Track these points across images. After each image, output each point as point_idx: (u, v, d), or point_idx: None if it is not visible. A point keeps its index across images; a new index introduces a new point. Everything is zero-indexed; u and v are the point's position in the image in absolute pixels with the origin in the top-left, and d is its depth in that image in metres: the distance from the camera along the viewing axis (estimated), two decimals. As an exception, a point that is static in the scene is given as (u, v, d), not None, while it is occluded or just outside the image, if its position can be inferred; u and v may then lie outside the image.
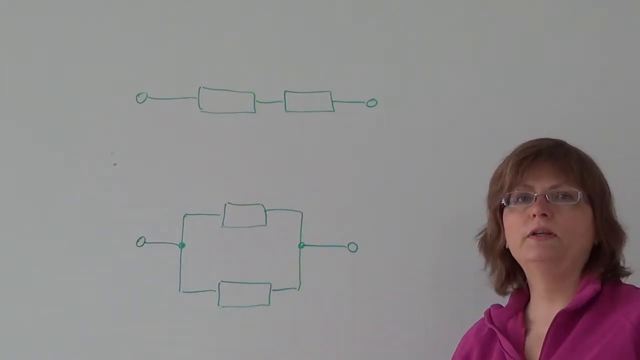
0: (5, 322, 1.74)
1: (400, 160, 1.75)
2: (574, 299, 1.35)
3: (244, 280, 1.73)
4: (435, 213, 1.72)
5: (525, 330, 1.41)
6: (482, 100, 1.75)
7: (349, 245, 1.73)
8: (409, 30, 1.80)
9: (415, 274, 1.70)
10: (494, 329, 1.41)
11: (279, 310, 1.71)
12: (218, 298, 1.72)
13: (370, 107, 1.77)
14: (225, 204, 1.76)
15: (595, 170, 1.42)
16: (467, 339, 1.49)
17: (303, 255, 1.73)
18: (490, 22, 1.78)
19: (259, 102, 1.79)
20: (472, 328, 1.51)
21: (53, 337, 1.73)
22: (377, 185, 1.74)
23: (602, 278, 1.38)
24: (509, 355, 1.36)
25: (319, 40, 1.81)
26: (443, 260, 1.70)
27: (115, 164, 1.79)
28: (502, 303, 1.49)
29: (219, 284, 1.73)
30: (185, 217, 1.75)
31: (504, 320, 1.43)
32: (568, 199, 1.37)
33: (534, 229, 1.36)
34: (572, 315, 1.33)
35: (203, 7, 1.83)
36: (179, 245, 1.75)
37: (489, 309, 1.47)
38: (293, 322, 1.71)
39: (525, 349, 1.38)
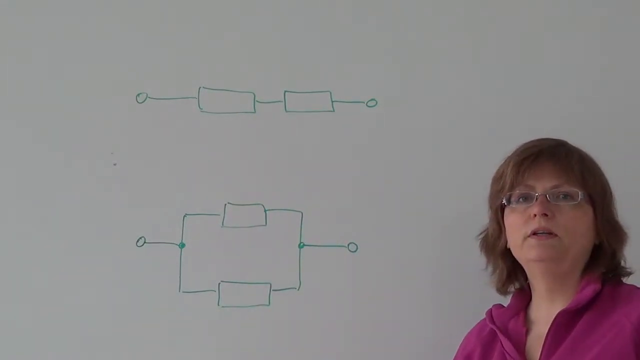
0: (5, 322, 1.74)
1: (400, 160, 1.75)
2: (574, 299, 1.35)
3: (244, 280, 1.73)
4: (435, 213, 1.72)
5: (526, 330, 1.41)
6: (482, 100, 1.75)
7: (349, 245, 1.73)
8: (409, 30, 1.80)
9: (415, 274, 1.70)
10: (495, 329, 1.41)
11: (279, 310, 1.71)
12: (218, 298, 1.72)
13: (370, 107, 1.77)
14: (225, 204, 1.75)
15: (597, 170, 1.42)
16: (469, 339, 1.49)
17: (303, 255, 1.73)
18: (490, 22, 1.78)
19: (259, 102, 1.79)
20: (474, 328, 1.51)
21: (53, 337, 1.73)
22: (377, 185, 1.74)
23: (603, 278, 1.38)
24: (510, 356, 1.36)
25: (319, 40, 1.81)
26: (443, 260, 1.70)
27: (115, 164, 1.78)
28: (502, 303, 1.49)
29: (219, 284, 1.73)
30: (185, 217, 1.75)
31: (505, 321, 1.44)
32: (569, 199, 1.37)
33: (535, 229, 1.36)
34: (572, 315, 1.33)
35: (203, 7, 1.83)
36: (179, 245, 1.75)
37: (491, 309, 1.47)
38: (293, 322, 1.71)
39: (526, 349, 1.38)
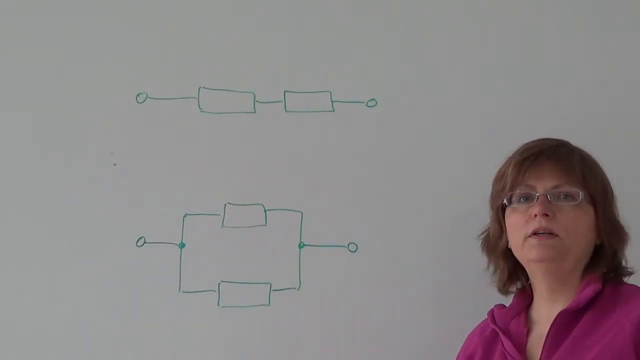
0: (5, 322, 1.74)
1: (400, 160, 1.75)
2: (575, 299, 1.35)
3: (244, 280, 1.73)
4: (435, 213, 1.72)
5: (528, 330, 1.41)
6: (482, 100, 1.75)
7: (349, 245, 1.73)
8: (409, 30, 1.80)
9: (415, 274, 1.70)
10: (497, 329, 1.41)
11: (279, 310, 1.71)
12: (218, 298, 1.72)
13: (370, 107, 1.77)
14: (225, 204, 1.75)
15: (598, 171, 1.42)
16: (471, 339, 1.49)
17: (303, 255, 1.73)
18: (490, 22, 1.78)
19: (259, 102, 1.79)
20: (476, 328, 1.51)
21: (53, 337, 1.73)
22: (377, 185, 1.74)
23: (603, 278, 1.38)
24: (510, 356, 1.36)
25: (319, 40, 1.81)
26: (443, 260, 1.70)
27: (115, 164, 1.78)
28: (502, 303, 1.49)
29: (219, 284, 1.73)
30: (185, 217, 1.75)
31: (507, 321, 1.43)
32: (570, 199, 1.37)
33: (535, 229, 1.36)
34: (573, 315, 1.33)
35: (203, 7, 1.83)
36: (179, 245, 1.75)
37: (492, 309, 1.47)
38: (293, 322, 1.71)
39: (527, 349, 1.38)
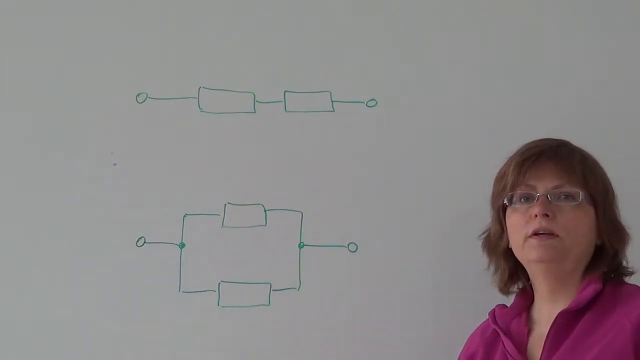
0: (5, 322, 1.74)
1: (400, 160, 1.75)
2: (575, 299, 1.35)
3: (244, 280, 1.73)
4: (435, 213, 1.72)
5: (529, 330, 1.41)
6: (482, 100, 1.75)
7: (349, 245, 1.73)
8: (409, 31, 1.80)
9: (416, 274, 1.70)
10: (498, 330, 1.41)
11: (279, 310, 1.71)
12: (218, 298, 1.72)
13: (370, 107, 1.77)
14: (225, 204, 1.75)
15: (599, 171, 1.42)
16: (472, 340, 1.49)
17: (303, 255, 1.73)
18: (490, 22, 1.78)
19: (259, 102, 1.79)
20: (478, 328, 1.51)
21: (53, 337, 1.73)
22: (377, 185, 1.74)
23: (604, 278, 1.38)
24: (511, 356, 1.36)
25: (319, 40, 1.81)
26: (443, 260, 1.70)
27: (115, 164, 1.78)
28: (501, 303, 1.49)
29: (219, 284, 1.73)
30: (185, 217, 1.75)
31: (508, 321, 1.43)
32: (570, 200, 1.37)
33: (536, 229, 1.36)
34: (573, 315, 1.33)
35: (203, 7, 1.83)
36: (179, 245, 1.75)
37: (494, 309, 1.47)
38: (293, 322, 1.71)
39: (528, 349, 1.38)
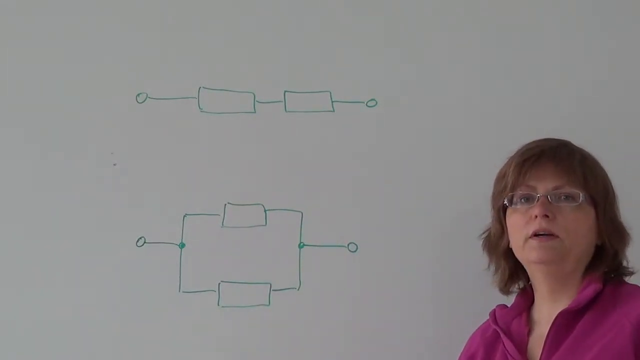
0: (5, 322, 1.74)
1: (400, 160, 1.75)
2: (575, 300, 1.35)
3: (244, 280, 1.73)
4: (435, 213, 1.72)
5: (529, 331, 1.41)
6: (482, 100, 1.75)
7: (349, 245, 1.73)
8: (409, 30, 1.80)
9: (416, 274, 1.70)
10: (498, 330, 1.41)
11: (279, 310, 1.71)
12: (218, 298, 1.72)
13: (370, 107, 1.77)
14: (225, 204, 1.75)
15: (599, 171, 1.41)
16: (473, 340, 1.49)
17: (303, 255, 1.73)
18: (490, 22, 1.78)
19: (259, 102, 1.79)
20: (478, 329, 1.51)
21: (53, 337, 1.73)
22: (377, 185, 1.74)
23: (604, 278, 1.38)
24: (511, 356, 1.36)
25: (319, 40, 1.81)
26: (443, 260, 1.70)
27: (115, 164, 1.78)
28: (501, 303, 1.49)
29: (219, 284, 1.73)
30: (185, 217, 1.75)
31: (509, 321, 1.43)
32: (570, 200, 1.37)
33: (536, 230, 1.36)
34: (573, 316, 1.33)
35: (203, 7, 1.83)
36: (179, 245, 1.75)
37: (494, 310, 1.47)
38: (293, 322, 1.71)
39: (528, 349, 1.38)
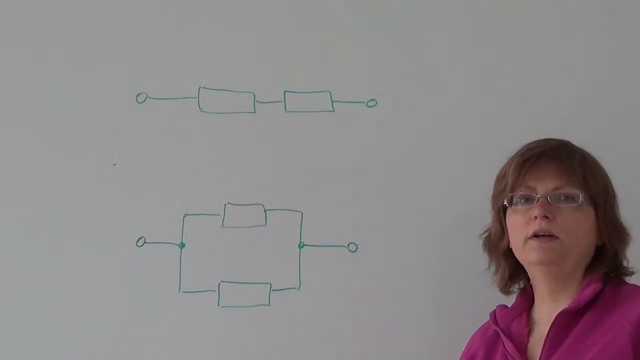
0: (5, 322, 1.74)
1: (400, 160, 1.75)
2: (574, 300, 1.35)
3: (244, 280, 1.73)
4: (436, 213, 1.72)
5: (529, 331, 1.41)
6: (482, 100, 1.75)
7: (349, 245, 1.73)
8: (409, 30, 1.80)
9: (416, 274, 1.70)
10: (498, 330, 1.41)
11: (279, 310, 1.71)
12: (218, 298, 1.72)
13: (370, 107, 1.77)
14: (225, 204, 1.75)
15: (599, 171, 1.41)
16: (473, 340, 1.49)
17: (303, 255, 1.73)
18: (490, 22, 1.78)
19: (259, 102, 1.79)
20: (479, 329, 1.51)
21: (53, 337, 1.73)
22: (377, 185, 1.74)
23: (604, 278, 1.38)
24: (511, 356, 1.36)
25: (319, 40, 1.81)
26: (443, 260, 1.70)
27: (115, 164, 1.78)
28: (502, 303, 1.49)
29: (219, 284, 1.73)
30: (185, 217, 1.75)
31: (509, 321, 1.43)
32: (570, 201, 1.36)
33: (535, 231, 1.36)
34: (573, 316, 1.33)
35: (203, 7, 1.83)
36: (179, 245, 1.75)
37: (495, 310, 1.47)
38: (293, 322, 1.71)
39: (528, 350, 1.38)
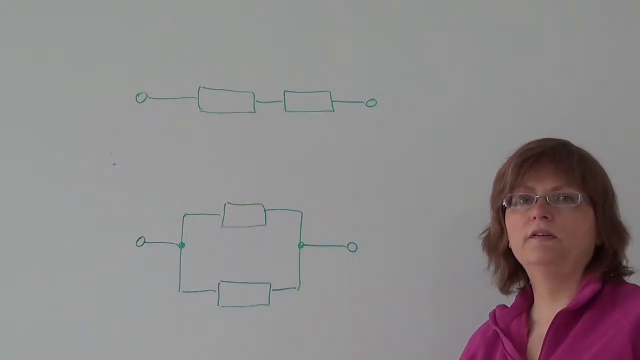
0: (5, 322, 1.74)
1: (400, 160, 1.75)
2: (574, 300, 1.35)
3: (244, 280, 1.73)
4: (435, 213, 1.72)
5: (529, 331, 1.41)
6: (482, 100, 1.75)
7: (349, 245, 1.73)
8: (409, 30, 1.80)
9: (416, 274, 1.70)
10: (498, 330, 1.41)
11: (279, 310, 1.71)
12: (218, 298, 1.72)
13: (370, 107, 1.77)
14: (225, 204, 1.75)
15: (598, 172, 1.41)
16: (474, 340, 1.49)
17: (303, 255, 1.73)
18: (490, 21, 1.78)
19: (259, 102, 1.79)
20: (479, 329, 1.51)
21: (53, 337, 1.73)
22: (377, 185, 1.74)
23: (604, 278, 1.38)
24: (511, 357, 1.36)
25: (319, 40, 1.81)
26: (443, 260, 1.70)
27: (115, 164, 1.79)
28: (502, 303, 1.49)
29: (219, 284, 1.73)
30: (185, 217, 1.75)
31: (509, 321, 1.43)
32: (569, 202, 1.36)
33: (535, 231, 1.36)
34: (572, 316, 1.33)
35: (203, 7, 1.83)
36: (179, 245, 1.75)
37: (495, 310, 1.47)
38: (293, 322, 1.71)
39: (528, 350, 1.38)
